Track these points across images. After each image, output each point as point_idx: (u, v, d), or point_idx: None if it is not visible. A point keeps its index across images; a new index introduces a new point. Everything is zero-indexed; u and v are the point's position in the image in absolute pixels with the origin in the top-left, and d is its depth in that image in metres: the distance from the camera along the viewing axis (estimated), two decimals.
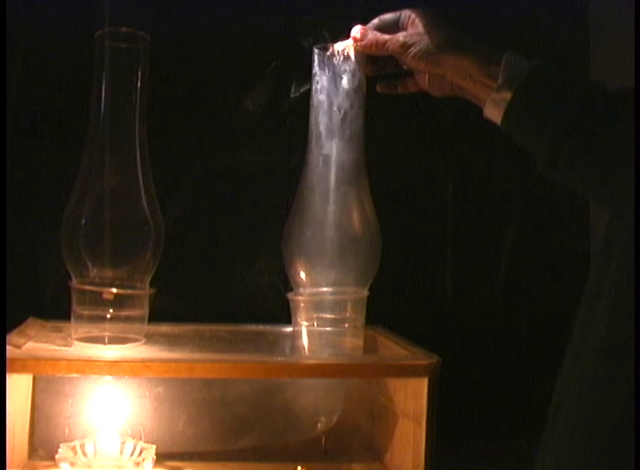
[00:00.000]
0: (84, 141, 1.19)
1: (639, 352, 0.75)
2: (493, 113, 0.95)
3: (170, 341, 1.25)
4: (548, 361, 1.30)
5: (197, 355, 1.15)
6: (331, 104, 1.16)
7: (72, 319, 1.20)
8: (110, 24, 1.16)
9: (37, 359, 1.08)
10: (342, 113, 1.16)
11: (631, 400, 0.75)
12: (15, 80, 1.36)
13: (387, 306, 1.34)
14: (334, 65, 1.15)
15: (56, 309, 1.29)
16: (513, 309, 1.49)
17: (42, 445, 1.23)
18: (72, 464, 1.14)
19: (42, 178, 1.37)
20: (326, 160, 1.17)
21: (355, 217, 1.17)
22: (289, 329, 1.26)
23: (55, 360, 1.08)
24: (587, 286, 0.85)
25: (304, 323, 1.18)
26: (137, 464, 1.15)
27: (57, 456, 1.15)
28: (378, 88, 1.15)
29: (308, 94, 1.19)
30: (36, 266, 1.37)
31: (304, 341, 1.18)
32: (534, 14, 1.49)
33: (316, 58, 1.16)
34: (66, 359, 1.08)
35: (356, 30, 1.10)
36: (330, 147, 1.17)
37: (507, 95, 0.92)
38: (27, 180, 1.37)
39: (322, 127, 1.17)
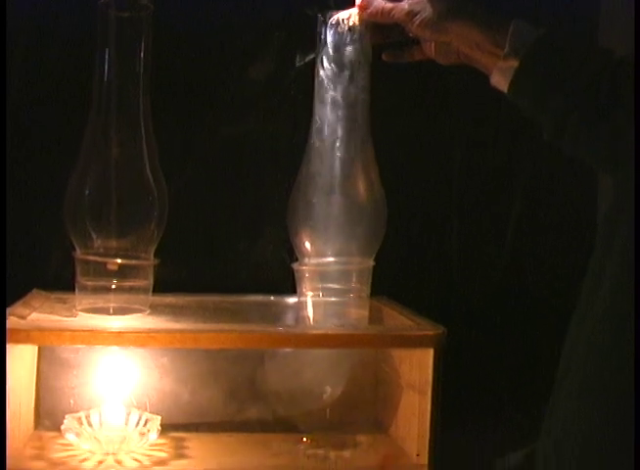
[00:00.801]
0: (88, 111, 1.18)
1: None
2: (500, 81, 0.94)
3: (175, 312, 1.25)
4: (554, 332, 1.30)
5: (202, 326, 1.15)
6: (336, 73, 1.15)
7: (77, 290, 1.21)
8: None
9: (42, 330, 1.08)
10: (348, 82, 1.15)
11: (638, 365, 0.75)
12: (17, 50, 1.35)
13: (392, 277, 1.33)
14: (339, 33, 1.14)
15: (60, 281, 1.29)
16: (519, 280, 1.48)
17: (48, 415, 1.23)
18: (78, 435, 1.15)
19: (45, 149, 1.36)
20: (331, 129, 1.16)
21: (361, 187, 1.17)
22: (294, 300, 1.26)
23: (59, 331, 1.08)
24: (594, 252, 0.84)
25: (309, 293, 1.18)
26: (142, 435, 1.16)
27: (62, 427, 1.16)
28: (384, 57, 1.14)
29: (313, 64, 1.18)
30: (40, 238, 1.37)
31: (309, 311, 1.18)
32: None
33: (321, 27, 1.15)
34: (70, 330, 1.08)
35: None
36: (335, 116, 1.16)
37: (514, 63, 0.91)
38: (31, 151, 1.36)
39: (327, 97, 1.16)
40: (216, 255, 1.40)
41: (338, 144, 1.16)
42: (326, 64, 1.16)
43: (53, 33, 1.36)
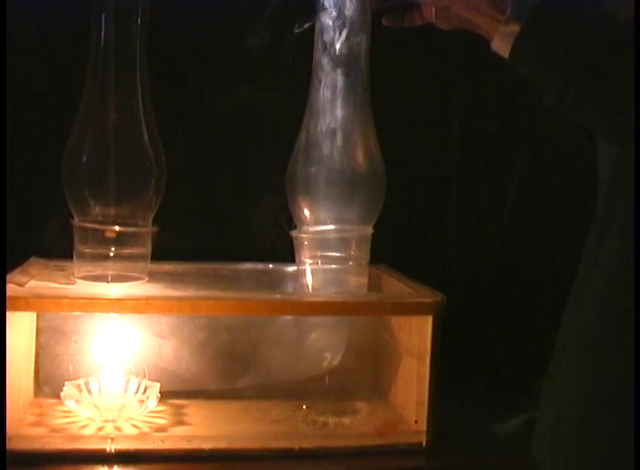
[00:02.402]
0: (85, 77, 1.17)
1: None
2: (501, 46, 0.93)
3: (173, 279, 1.26)
4: (552, 300, 1.31)
5: (200, 293, 1.15)
6: (335, 39, 1.15)
7: (75, 258, 1.21)
8: None
9: (40, 298, 1.08)
10: (347, 48, 1.15)
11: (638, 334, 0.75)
12: (14, 15, 1.33)
13: (391, 245, 1.33)
14: None
15: (58, 249, 1.29)
16: (518, 248, 1.48)
17: (47, 382, 1.23)
18: (78, 402, 1.15)
19: (42, 115, 1.35)
20: (330, 96, 1.16)
21: (360, 154, 1.17)
22: (292, 268, 1.26)
23: (58, 298, 1.08)
24: (594, 222, 0.84)
25: (308, 261, 1.18)
26: (141, 402, 1.16)
27: (62, 394, 1.16)
28: (384, 21, 1.13)
29: (312, 30, 1.17)
30: (38, 205, 1.36)
31: (308, 279, 1.18)
32: None
33: None
34: (68, 297, 1.08)
35: None
36: (334, 84, 1.16)
37: (515, 28, 0.90)
38: (28, 118, 1.35)
39: (326, 63, 1.15)
40: (215, 222, 1.40)
41: (336, 112, 1.16)
42: (325, 30, 1.15)
43: None
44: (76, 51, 1.23)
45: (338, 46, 1.15)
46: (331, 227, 1.16)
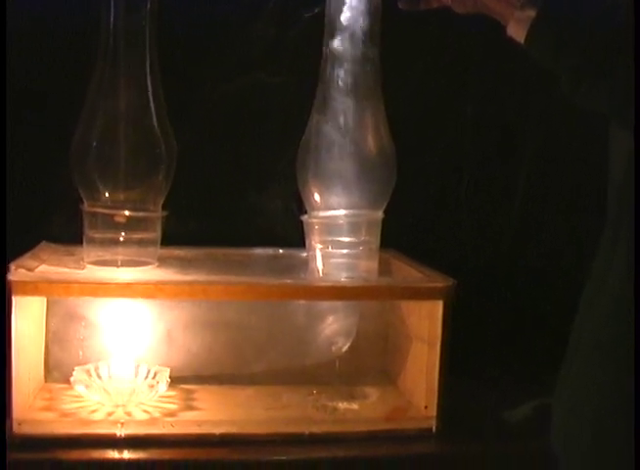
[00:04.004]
0: (94, 61, 1.17)
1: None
2: (517, 31, 0.92)
3: (184, 264, 1.25)
4: (564, 285, 1.30)
5: (211, 278, 1.14)
6: (346, 24, 1.14)
7: (85, 243, 1.21)
8: None
9: (50, 282, 1.08)
10: (358, 32, 1.14)
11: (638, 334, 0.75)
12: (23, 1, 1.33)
13: (401, 229, 1.32)
14: None
15: (68, 234, 1.29)
16: (529, 234, 1.48)
17: (57, 367, 1.23)
18: (87, 387, 1.15)
19: (52, 100, 1.34)
20: (340, 81, 1.15)
21: (370, 139, 1.16)
22: (303, 253, 1.26)
23: (67, 283, 1.08)
24: (607, 223, 0.84)
25: (319, 246, 1.18)
26: (151, 387, 1.16)
27: (72, 379, 1.16)
28: (400, 4, 1.11)
29: (323, 14, 1.16)
30: (48, 190, 1.36)
31: (319, 263, 1.18)
32: None
33: None
34: (78, 282, 1.08)
35: None
36: (344, 68, 1.15)
37: (531, 13, 0.89)
38: (37, 103, 1.35)
39: (337, 48, 1.15)
40: (225, 208, 1.40)
41: (347, 96, 1.15)
42: (335, 14, 1.14)
43: None
44: (87, 35, 1.22)
45: (348, 32, 1.14)
46: (341, 212, 1.16)
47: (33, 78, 1.34)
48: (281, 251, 1.36)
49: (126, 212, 1.17)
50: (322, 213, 1.17)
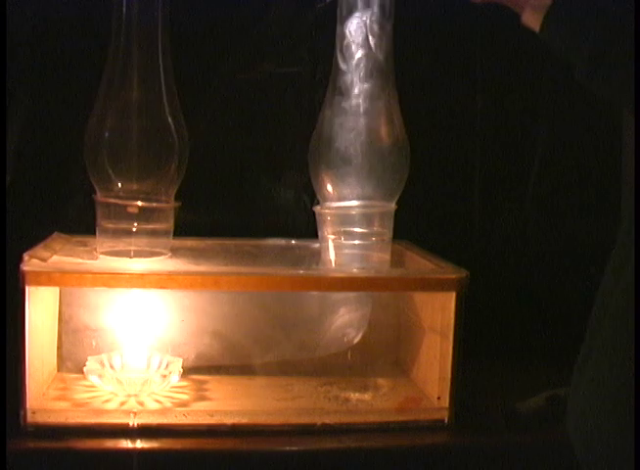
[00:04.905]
0: (107, 52, 1.17)
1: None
2: (532, 19, 0.91)
3: (196, 255, 1.25)
4: (578, 275, 1.30)
5: (223, 268, 1.15)
6: (359, 14, 1.13)
7: (98, 233, 1.21)
8: None
9: (63, 272, 1.08)
10: (370, 23, 1.14)
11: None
12: None
13: (414, 221, 1.32)
14: None
15: (81, 224, 1.29)
16: (542, 223, 1.47)
17: (70, 357, 1.24)
18: (100, 377, 1.15)
19: (65, 91, 1.35)
20: (354, 72, 1.15)
21: (383, 130, 1.16)
22: (315, 244, 1.26)
23: (80, 273, 1.08)
24: (621, 223, 0.83)
25: (331, 237, 1.18)
26: (164, 377, 1.16)
27: (85, 369, 1.16)
28: None
29: (335, 4, 1.16)
30: (61, 181, 1.36)
31: (331, 254, 1.18)
32: None
33: None
34: (91, 272, 1.08)
35: None
36: (357, 58, 1.15)
37: (547, 1, 0.89)
38: (51, 93, 1.35)
39: (349, 38, 1.14)
40: (237, 198, 1.40)
41: (360, 87, 1.15)
42: (347, 4, 1.14)
43: None
44: (101, 27, 1.22)
45: (361, 20, 1.14)
46: (354, 203, 1.15)
47: (46, 70, 1.35)
48: (293, 242, 1.36)
49: (139, 203, 1.17)
50: (335, 204, 1.17)
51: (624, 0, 0.84)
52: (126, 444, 1.05)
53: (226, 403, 1.15)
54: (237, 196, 1.40)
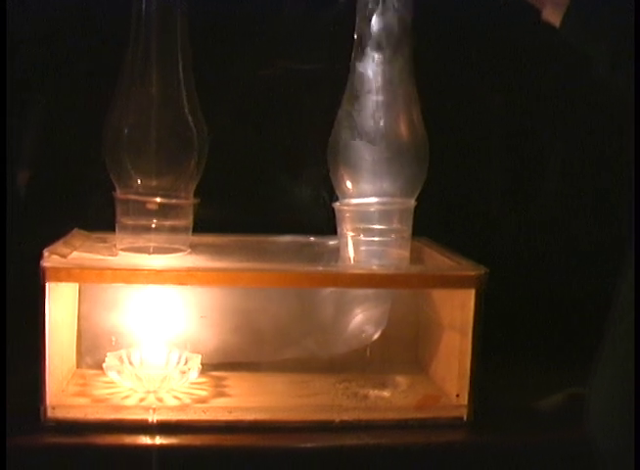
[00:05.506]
0: (126, 47, 1.17)
1: None
2: (553, 14, 0.91)
3: (215, 251, 1.25)
4: (598, 273, 1.29)
5: (242, 265, 1.15)
6: (378, 9, 1.13)
7: (117, 230, 1.21)
8: None
9: (82, 269, 1.08)
10: (390, 17, 1.13)
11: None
12: None
13: (433, 217, 1.32)
14: None
15: (100, 221, 1.29)
16: (563, 220, 1.46)
17: (89, 353, 1.24)
18: (120, 373, 1.15)
19: (85, 87, 1.35)
20: (372, 67, 1.14)
21: (402, 126, 1.15)
22: (334, 241, 1.25)
23: (100, 270, 1.08)
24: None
25: (350, 234, 1.17)
26: (183, 373, 1.16)
27: (104, 365, 1.17)
28: None
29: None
30: (80, 178, 1.36)
31: (350, 251, 1.18)
32: None
33: None
34: (111, 269, 1.08)
35: None
36: (376, 54, 1.14)
37: None
38: (70, 90, 1.35)
39: (368, 34, 1.14)
40: (256, 194, 1.40)
41: (379, 82, 1.14)
42: (368, 1, 1.13)
43: None
44: (119, 22, 1.23)
45: (381, 17, 1.13)
46: (373, 199, 1.15)
47: (66, 65, 1.35)
48: (312, 238, 1.36)
49: (158, 200, 1.18)
50: (354, 201, 1.16)
51: None
52: (145, 440, 1.05)
53: (245, 400, 1.15)
54: (256, 192, 1.40)
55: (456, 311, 1.16)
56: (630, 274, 0.84)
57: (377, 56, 1.14)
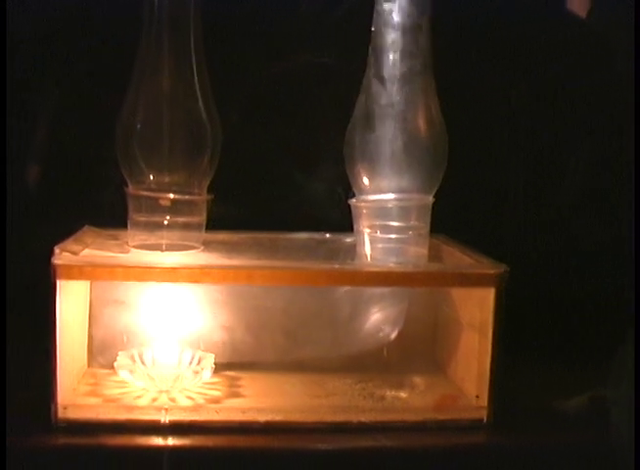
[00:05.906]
0: (138, 42, 1.16)
1: None
2: (578, 4, 0.89)
3: (229, 248, 1.24)
4: (620, 272, 1.27)
5: (256, 263, 1.13)
6: (396, 5, 1.11)
7: (129, 226, 1.20)
8: None
9: (94, 266, 1.07)
10: (407, 10, 1.12)
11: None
12: None
13: (452, 214, 1.30)
14: None
15: (112, 218, 1.28)
16: (584, 219, 1.45)
17: (101, 352, 1.23)
18: (131, 372, 1.14)
19: (96, 82, 1.34)
20: (391, 62, 1.13)
21: (421, 120, 1.13)
22: (350, 238, 1.24)
23: (112, 267, 1.07)
24: None
25: (367, 231, 1.16)
26: (196, 373, 1.15)
27: (115, 364, 1.15)
28: None
29: None
30: (91, 174, 1.36)
31: (367, 248, 1.16)
32: None
33: None
34: (122, 266, 1.07)
35: None
36: (395, 49, 1.12)
37: None
38: (81, 84, 1.35)
39: (385, 27, 1.12)
40: (271, 191, 1.39)
41: (397, 77, 1.13)
42: None
43: None
44: (132, 16, 1.22)
45: (398, 12, 1.11)
46: (391, 196, 1.13)
47: (78, 60, 1.34)
48: (328, 235, 1.34)
49: (171, 196, 1.17)
50: (371, 197, 1.15)
51: None
52: (158, 440, 1.04)
53: (259, 400, 1.14)
54: (271, 188, 1.39)
55: (475, 310, 1.14)
56: None
57: (395, 51, 1.12)
